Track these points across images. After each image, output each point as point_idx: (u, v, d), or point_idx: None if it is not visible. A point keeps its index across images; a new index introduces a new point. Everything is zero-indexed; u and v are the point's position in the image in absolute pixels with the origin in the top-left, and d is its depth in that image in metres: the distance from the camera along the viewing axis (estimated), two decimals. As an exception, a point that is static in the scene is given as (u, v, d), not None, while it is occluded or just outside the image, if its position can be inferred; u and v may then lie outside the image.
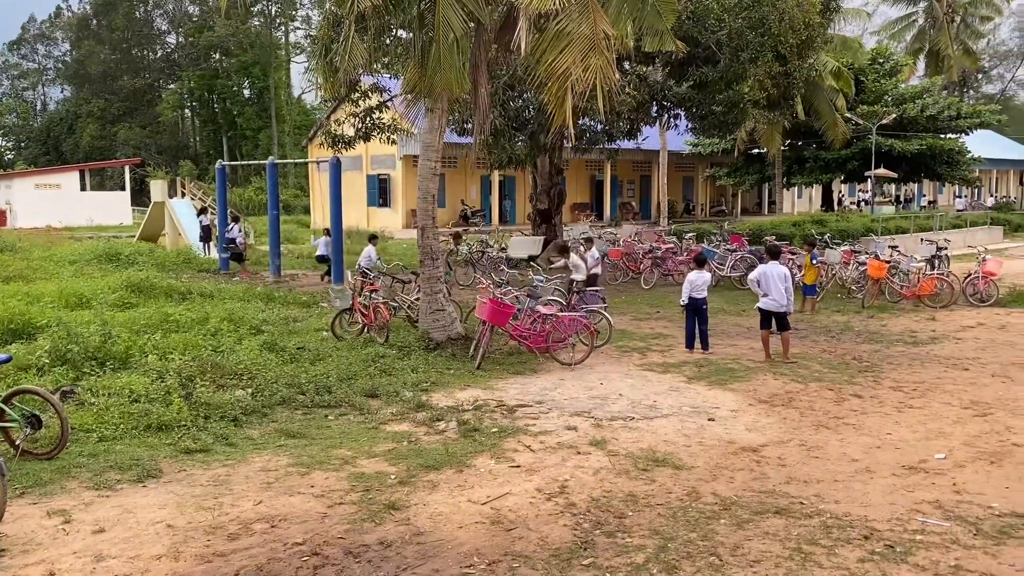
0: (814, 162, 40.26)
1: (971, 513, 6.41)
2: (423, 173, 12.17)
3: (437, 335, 12.10)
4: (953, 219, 34.66)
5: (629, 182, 48.71)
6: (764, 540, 5.96)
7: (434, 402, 9.55)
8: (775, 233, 25.59)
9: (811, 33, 18.76)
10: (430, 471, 7.34)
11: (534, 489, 6.96)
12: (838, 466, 7.54)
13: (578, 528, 6.20)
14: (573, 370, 11.36)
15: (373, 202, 40.91)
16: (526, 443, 8.15)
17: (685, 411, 9.37)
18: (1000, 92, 74.16)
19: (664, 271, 20.88)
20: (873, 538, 5.96)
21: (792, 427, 8.77)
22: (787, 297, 11.65)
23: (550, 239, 25.02)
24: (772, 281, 11.65)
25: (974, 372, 11.23)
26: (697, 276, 12.60)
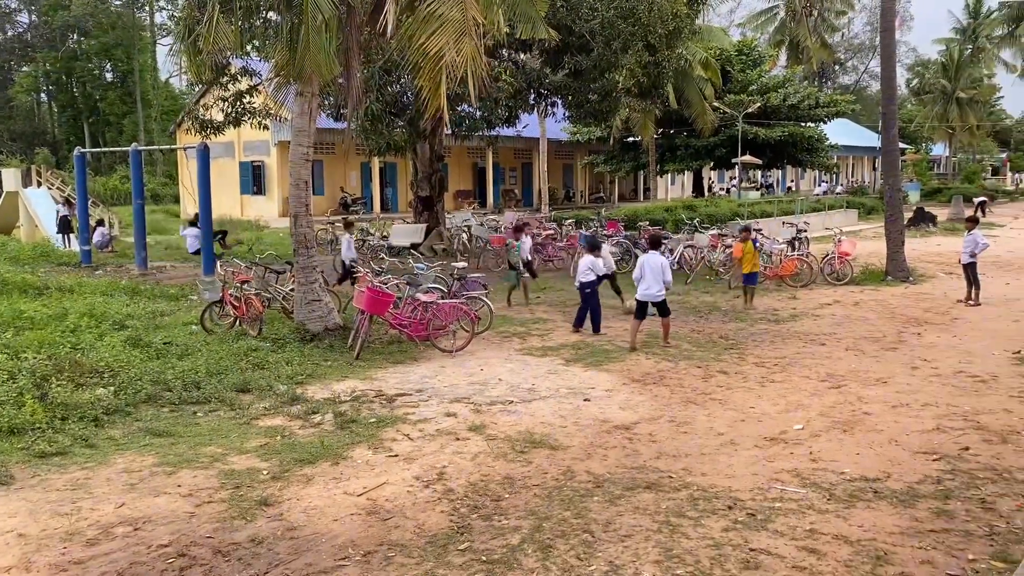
0: (685, 150, 41.67)
1: (825, 480, 6.82)
2: (295, 159, 11.86)
3: (313, 326, 11.84)
4: (813, 203, 36.65)
5: (511, 169, 49.06)
6: (635, 515, 6.15)
7: (310, 395, 9.35)
8: (649, 219, 26.29)
9: (679, 24, 19.36)
10: (304, 465, 7.19)
11: (412, 477, 6.94)
12: (705, 440, 7.86)
13: (455, 513, 6.22)
14: (454, 357, 11.37)
15: (247, 190, 39.59)
16: (404, 432, 8.10)
17: (562, 393, 9.54)
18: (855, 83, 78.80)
19: (545, 257, 21.15)
20: (737, 508, 6.25)
21: (663, 404, 9.08)
22: (661, 287, 11.83)
23: (432, 227, 24.93)
24: (646, 271, 11.92)
25: (830, 347, 11.93)
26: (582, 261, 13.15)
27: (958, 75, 57.94)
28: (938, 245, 26.01)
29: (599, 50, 19.29)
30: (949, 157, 68.63)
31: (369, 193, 40.42)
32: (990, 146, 78.62)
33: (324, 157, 38.50)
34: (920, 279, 18.53)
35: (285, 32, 11.35)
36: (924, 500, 6.33)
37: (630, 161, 45.13)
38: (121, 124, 62.48)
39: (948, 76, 58.63)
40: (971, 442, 7.66)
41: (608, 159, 46.01)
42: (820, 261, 18.36)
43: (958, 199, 38.12)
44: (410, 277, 12.62)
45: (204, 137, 21.20)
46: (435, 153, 23.60)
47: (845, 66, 79.46)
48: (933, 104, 59.44)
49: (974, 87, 59.52)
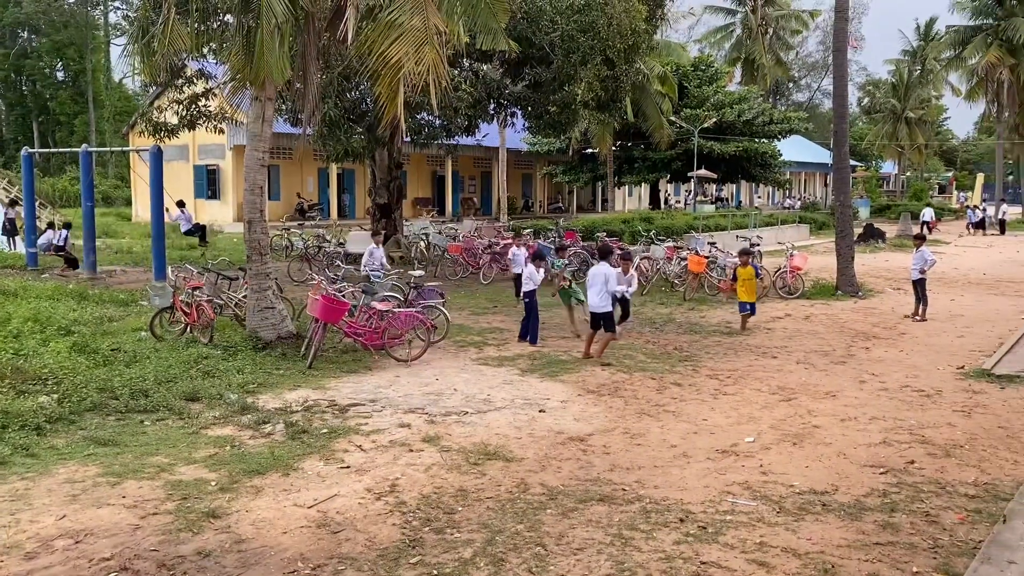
0: (642, 162, 42.14)
1: (775, 492, 6.90)
2: (250, 164, 11.70)
3: (266, 334, 11.67)
4: (766, 217, 37.26)
5: (471, 178, 49.03)
6: (588, 528, 6.16)
7: (261, 404, 9.20)
8: (606, 230, 26.51)
9: (637, 39, 19.57)
10: (254, 476, 7.07)
11: (363, 489, 6.86)
12: (658, 452, 7.91)
13: (407, 526, 6.16)
14: (409, 366, 11.29)
15: (201, 194, 38.92)
16: (357, 443, 8.01)
17: (518, 404, 9.53)
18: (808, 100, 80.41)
19: (502, 266, 21.15)
20: (688, 520, 6.29)
21: (617, 416, 9.12)
22: (605, 298, 11.62)
23: (390, 234, 24.77)
24: (592, 282, 11.79)
25: (781, 360, 12.11)
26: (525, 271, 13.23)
27: (907, 95, 59.52)
28: (887, 261, 26.61)
29: (559, 62, 19.42)
30: (898, 175, 70.36)
31: (326, 199, 40.05)
32: (937, 165, 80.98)
33: (281, 162, 38.07)
34: (869, 294, 18.93)
35: (241, 35, 11.22)
36: (871, 513, 6.44)
37: (588, 172, 45.49)
38: (72, 124, 61.08)
39: (898, 96, 60.20)
40: (916, 456, 7.82)
41: (567, 170, 46.31)
42: (772, 275, 18.65)
43: (906, 216, 39.06)
44: (366, 285, 12.51)
45: (157, 140, 20.84)
46: (393, 160, 23.48)
47: (799, 84, 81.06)
48: (883, 123, 60.94)
49: (922, 107, 61.21)
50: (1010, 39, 45.52)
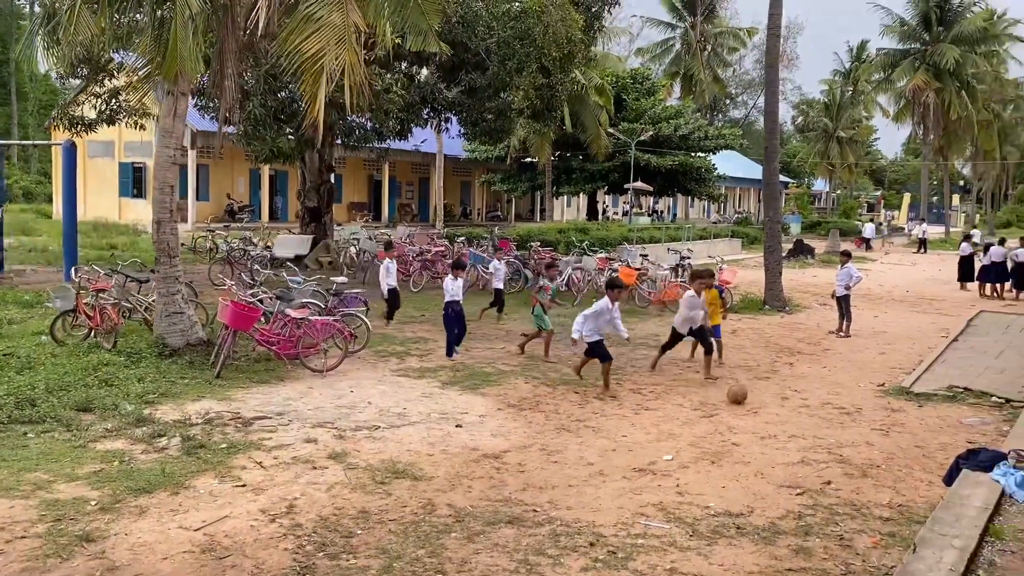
0: (580, 173, 42.24)
1: (690, 514, 6.69)
2: (160, 162, 11.13)
3: (174, 340, 11.09)
4: (700, 231, 37.66)
5: (408, 184, 48.47)
6: (493, 553, 5.84)
7: (159, 416, 8.66)
8: (542, 239, 26.36)
9: (573, 48, 19.46)
10: (140, 495, 6.58)
11: (257, 510, 6.43)
12: (574, 470, 7.65)
13: (300, 551, 5.76)
14: (324, 377, 10.84)
15: (126, 192, 37.61)
16: (257, 459, 7.56)
17: (434, 418, 9.18)
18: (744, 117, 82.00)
19: (433, 274, 20.77)
20: (598, 544, 6.02)
21: (536, 431, 8.84)
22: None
23: (319, 238, 24.19)
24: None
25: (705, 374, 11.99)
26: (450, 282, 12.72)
27: (839, 115, 61.11)
28: (815, 276, 27.05)
29: (494, 69, 19.18)
30: (829, 192, 72.17)
31: (258, 201, 39.07)
32: (866, 183, 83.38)
33: (210, 162, 37.03)
34: (796, 309, 19.11)
35: (154, 26, 10.68)
36: (784, 537, 6.27)
37: (527, 181, 45.41)
38: (-8, 116, 58.63)
39: (830, 116, 61.76)
40: (833, 476, 7.72)
41: (505, 178, 46.16)
42: (703, 288, 18.66)
43: (835, 232, 39.93)
44: (282, 291, 12.02)
45: (74, 134, 19.95)
46: (324, 163, 22.94)
47: (736, 101, 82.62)
48: (816, 141, 62.43)
49: (853, 127, 62.90)
50: (936, 64, 47.12)
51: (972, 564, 5.09)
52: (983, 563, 5.24)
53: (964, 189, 78.60)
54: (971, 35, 48.58)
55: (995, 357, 13.59)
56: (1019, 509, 6.23)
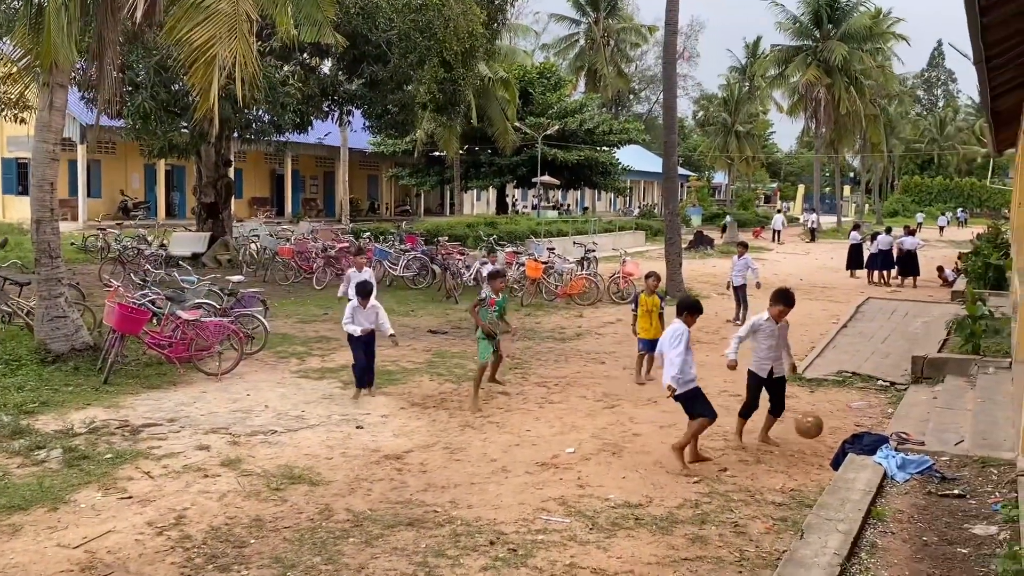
0: (488, 167, 42.23)
1: (590, 507, 6.73)
2: (38, 158, 10.53)
3: (57, 346, 10.52)
4: (606, 224, 38.20)
5: (312, 178, 47.45)
6: (391, 557, 5.74)
7: (39, 426, 8.19)
8: (450, 234, 26.23)
9: (474, 42, 19.37)
10: (14, 512, 6.19)
11: (144, 523, 6.14)
12: (477, 468, 7.60)
13: (188, 564, 5.52)
14: (220, 380, 10.47)
15: (11, 190, 35.54)
16: (145, 469, 7.23)
17: (334, 420, 8.98)
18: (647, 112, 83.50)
19: (337, 271, 20.37)
20: (499, 543, 5.99)
21: (440, 429, 8.75)
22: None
23: (217, 235, 23.43)
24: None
25: (609, 365, 12.17)
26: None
27: (737, 110, 62.97)
28: (714, 267, 27.79)
29: (395, 62, 18.93)
30: (728, 185, 74.37)
31: (153, 197, 37.56)
32: (763, 176, 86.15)
33: (103, 157, 35.39)
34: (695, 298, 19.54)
35: (29, 12, 10.07)
36: (681, 526, 6.37)
37: (435, 175, 45.11)
38: None
39: (728, 110, 63.59)
40: (729, 463, 7.91)
41: (413, 172, 45.72)
42: (606, 280, 18.93)
43: (732, 224, 41.13)
44: (173, 292, 11.55)
45: (-54, 127, 18.68)
46: (221, 157, 22.21)
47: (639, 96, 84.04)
48: (715, 135, 64.19)
49: (751, 122, 64.95)
50: (827, 60, 49.04)
51: (855, 547, 5.28)
52: (865, 545, 5.44)
53: (854, 180, 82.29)
54: (858, 32, 50.78)
55: (881, 342, 14.23)
56: (899, 490, 6.52)
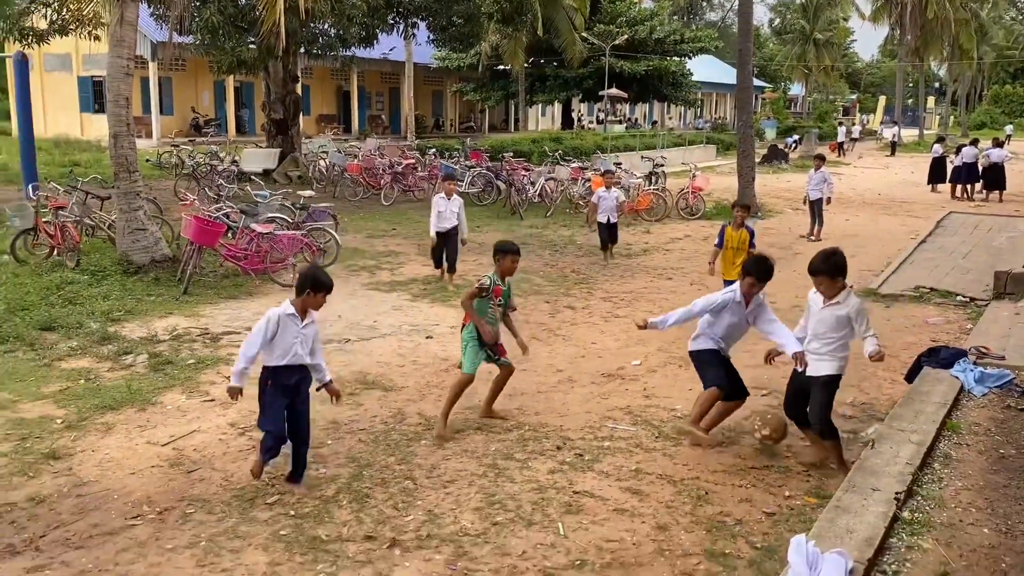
0: (554, 80, 41.35)
1: (656, 416, 6.78)
2: (113, 73, 10.72)
3: (138, 257, 10.90)
4: (675, 138, 37.29)
5: (378, 94, 47.32)
6: (462, 459, 5.91)
7: (125, 333, 8.57)
8: (515, 150, 25.99)
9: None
10: (107, 412, 6.55)
11: (227, 424, 6.43)
12: (543, 378, 7.70)
13: (270, 463, 5.78)
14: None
15: (88, 108, 36.43)
16: (226, 374, 7.48)
17: (404, 330, 9.16)
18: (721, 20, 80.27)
19: (404, 187, 20.50)
20: (565, 448, 6.11)
21: (506, 341, 8.83)
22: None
23: (286, 152, 23.69)
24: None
25: (676, 281, 12.06)
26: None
27: (816, 17, 59.97)
28: (788, 182, 27.00)
29: (461, -30, 18.46)
30: (805, 96, 71.50)
31: (223, 114, 38.06)
32: (842, 87, 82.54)
33: (174, 74, 35.88)
34: (768, 214, 19.12)
35: (98, -73, 10.09)
36: (748, 436, 6.37)
37: (500, 90, 44.44)
38: (-60, 29, 56.08)
39: (807, 17, 60.60)
40: (799, 376, 7.82)
41: (478, 87, 45.12)
42: (675, 196, 18.60)
43: (810, 136, 39.71)
44: (247, 206, 11.79)
45: (25, 46, 19.09)
46: (289, 73, 22.24)
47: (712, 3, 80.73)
48: (793, 44, 61.45)
49: (830, 29, 61.84)
50: (915, -39, 46.09)
51: (928, 457, 5.21)
52: (939, 456, 5.37)
53: (939, 91, 78.15)
54: (952, -71, 47.45)
55: (962, 257, 13.73)
56: (976, 403, 6.37)
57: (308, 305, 5.23)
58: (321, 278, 5.21)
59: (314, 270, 5.30)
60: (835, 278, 5.65)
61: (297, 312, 5.20)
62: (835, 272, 5.62)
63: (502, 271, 6.44)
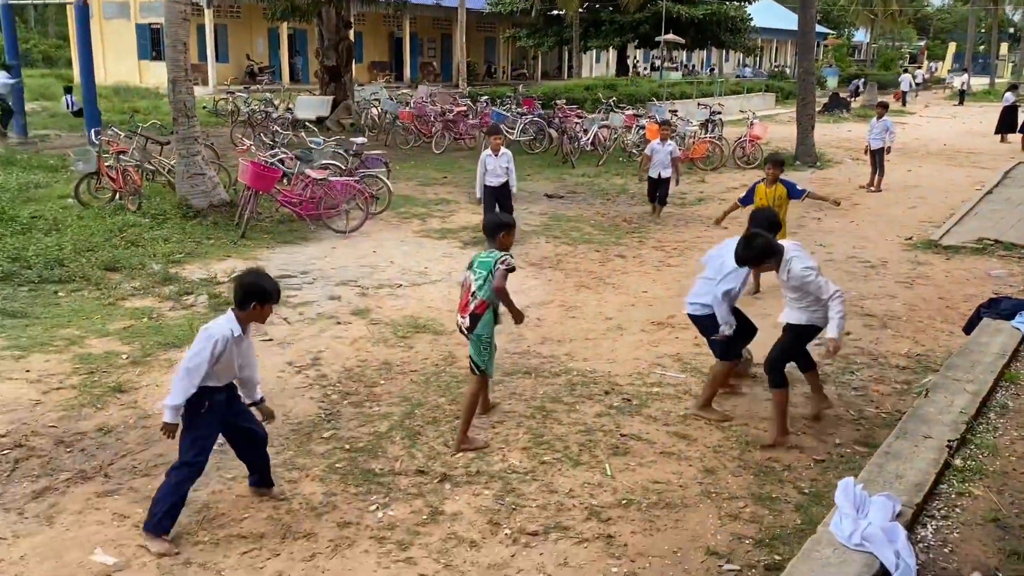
0: (609, 25, 40.48)
1: (706, 364, 6.73)
2: (170, 18, 10.84)
3: (197, 202, 11.14)
4: (732, 85, 36.39)
5: (430, 41, 46.98)
6: (511, 400, 6.00)
7: (185, 274, 8.82)
8: (568, 97, 25.65)
9: None
10: (169, 349, 6.78)
11: (284, 363, 6.62)
12: (592, 325, 7.73)
13: (325, 400, 5.96)
14: (347, 238, 10.90)
15: (145, 55, 36.94)
16: (283, 315, 7.71)
17: (454, 276, 9.22)
18: (783, -37, 77.48)
19: (455, 135, 20.45)
20: (613, 393, 6.16)
21: (556, 288, 8.89)
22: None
23: (339, 99, 23.76)
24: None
25: (731, 230, 11.80)
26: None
27: (884, -43, 57.43)
28: (849, 131, 26.23)
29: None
30: (870, 43, 68.93)
31: (277, 61, 38.25)
32: (910, 33, 79.29)
33: (229, 21, 36.07)
34: (827, 164, 18.65)
35: None
36: (799, 385, 6.31)
37: (553, 35, 43.70)
38: (4, -23, 57.05)
39: (874, -42, 58.07)
40: (853, 327, 7.71)
41: (531, 33, 44.43)
42: (732, 144, 18.24)
43: (872, 85, 38.40)
44: (302, 152, 11.91)
45: (85, -8, 19.36)
46: (342, 19, 22.21)
47: (775, -56, 77.79)
48: (858, -12, 59.03)
49: (899, -28, 59.23)
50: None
51: (984, 407, 5.13)
52: (995, 406, 5.28)
53: (1013, 37, 74.57)
54: None
55: (1030, 210, 13.27)
56: (1037, 356, 6.22)
57: (254, 319, 4.43)
58: (266, 287, 4.34)
59: (255, 278, 4.36)
60: (760, 264, 5.31)
61: (243, 329, 4.37)
62: (757, 259, 5.23)
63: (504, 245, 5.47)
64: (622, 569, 4.04)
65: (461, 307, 5.36)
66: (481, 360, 5.30)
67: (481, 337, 5.27)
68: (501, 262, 5.23)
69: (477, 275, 5.29)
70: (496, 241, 5.40)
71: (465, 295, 5.34)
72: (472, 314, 5.25)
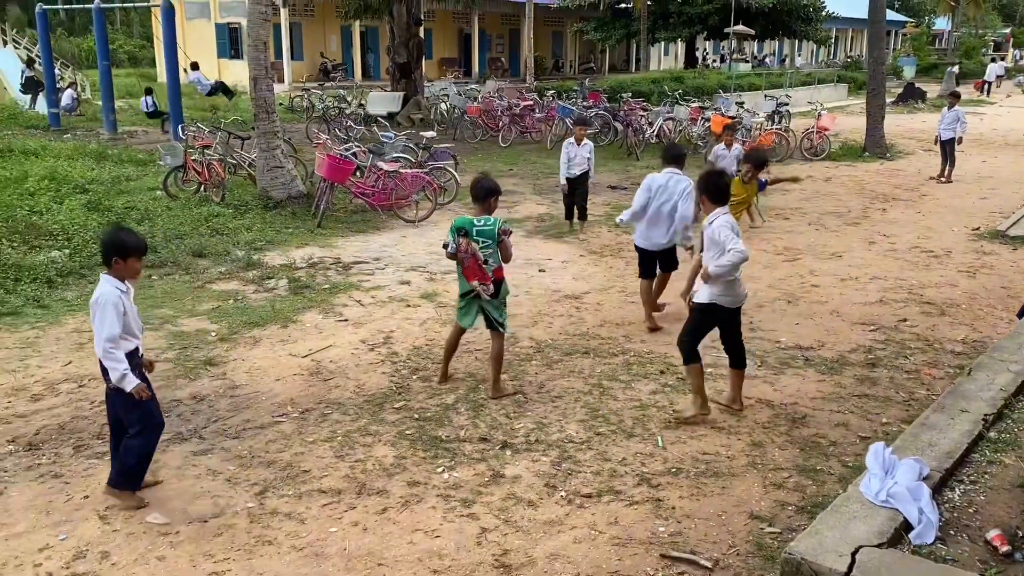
0: (678, 17, 40.22)
1: (760, 347, 6.98)
2: (252, 18, 11.45)
3: (276, 193, 11.76)
4: (804, 76, 35.82)
5: (498, 36, 47.46)
6: (569, 377, 6.34)
7: (267, 260, 9.40)
8: (634, 90, 25.76)
9: None
10: (253, 328, 7.32)
11: (358, 341, 7.08)
12: (651, 309, 7.98)
13: (396, 375, 6.39)
14: (416, 227, 11.37)
15: (224, 53, 38.33)
16: (357, 298, 8.21)
17: (518, 263, 9.50)
18: (860, -50, 75.57)
19: (522, 129, 20.82)
20: (668, 372, 6.43)
21: (616, 275, 9.18)
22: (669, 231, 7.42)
23: (410, 95, 24.37)
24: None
25: (793, 221, 11.97)
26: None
27: (967, -58, 55.56)
28: (923, 122, 25.67)
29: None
30: (951, 31, 66.70)
31: (350, 59, 39.22)
32: (994, 20, 76.35)
33: (303, 20, 37.14)
34: (898, 155, 18.40)
35: None
36: (851, 368, 6.52)
37: (621, 29, 43.60)
38: (93, -19, 59.63)
39: (956, -58, 56.21)
40: (910, 314, 7.82)
41: (599, 26, 44.42)
42: (799, 136, 18.15)
43: (951, 74, 37.30)
44: (374, 146, 12.44)
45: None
46: (412, 16, 22.78)
47: (852, -69, 75.85)
48: (939, -26, 57.22)
49: (982, -44, 57.20)
50: None
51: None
52: (1042, 389, 5.38)
53: (1108, 22, 71.16)
54: None
55: (1108, 201, 12.96)
56: (1093, 342, 6.26)
57: (123, 274, 4.42)
58: (125, 240, 4.35)
59: (112, 233, 4.42)
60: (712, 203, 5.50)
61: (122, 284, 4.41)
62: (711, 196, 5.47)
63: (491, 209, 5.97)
64: (668, 528, 4.34)
65: (472, 275, 5.89)
66: (504, 318, 6.07)
67: (503, 299, 6.06)
68: (505, 233, 5.88)
69: (483, 244, 5.85)
70: (486, 204, 5.97)
71: (472, 262, 5.86)
72: (495, 281, 5.94)
